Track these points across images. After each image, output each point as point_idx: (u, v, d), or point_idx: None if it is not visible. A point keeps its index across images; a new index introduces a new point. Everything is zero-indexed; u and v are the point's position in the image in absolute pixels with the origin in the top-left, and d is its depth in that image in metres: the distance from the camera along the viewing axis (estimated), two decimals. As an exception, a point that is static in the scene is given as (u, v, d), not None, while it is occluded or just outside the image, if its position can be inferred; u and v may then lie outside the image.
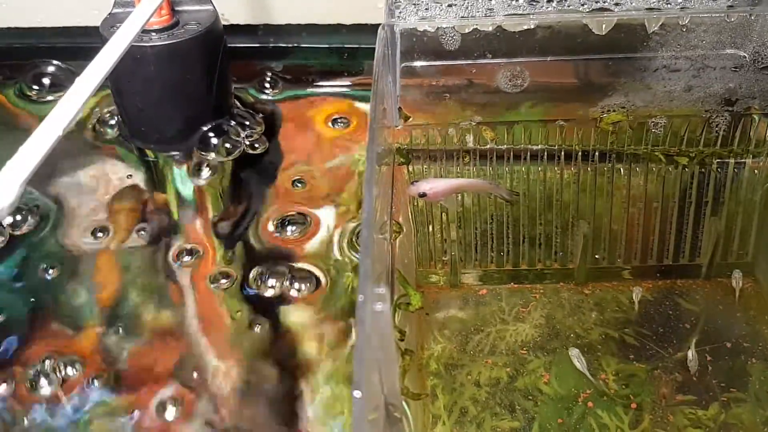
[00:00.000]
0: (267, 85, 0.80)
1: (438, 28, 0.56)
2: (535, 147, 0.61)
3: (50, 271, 0.62)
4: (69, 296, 0.60)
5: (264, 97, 0.79)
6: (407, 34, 0.56)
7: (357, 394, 0.29)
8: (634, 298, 0.60)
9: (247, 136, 0.68)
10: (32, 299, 0.60)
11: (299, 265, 0.62)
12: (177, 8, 0.70)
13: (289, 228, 0.64)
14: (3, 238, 0.64)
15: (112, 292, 0.61)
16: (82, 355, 0.56)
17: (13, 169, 0.37)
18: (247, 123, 0.71)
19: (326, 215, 0.66)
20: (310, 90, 0.81)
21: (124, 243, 0.64)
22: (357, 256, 0.62)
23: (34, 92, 0.80)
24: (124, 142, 0.74)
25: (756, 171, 0.61)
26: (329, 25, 0.80)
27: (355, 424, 0.29)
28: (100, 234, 0.65)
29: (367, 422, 0.30)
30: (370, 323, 0.32)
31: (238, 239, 0.65)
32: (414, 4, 0.56)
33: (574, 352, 0.56)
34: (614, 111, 0.60)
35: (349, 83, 0.81)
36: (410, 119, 0.60)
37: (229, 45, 0.73)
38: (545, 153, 0.61)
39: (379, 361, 0.34)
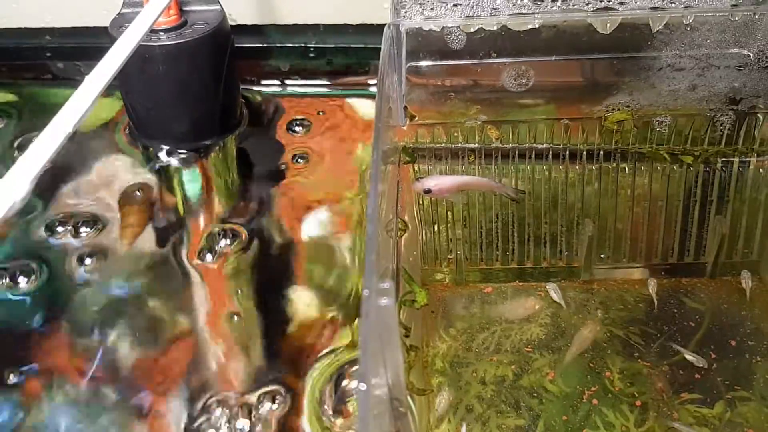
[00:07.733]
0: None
1: (443, 27, 0.56)
2: (540, 146, 0.61)
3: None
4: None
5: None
6: (413, 33, 0.56)
7: (362, 386, 0.29)
8: (650, 290, 0.60)
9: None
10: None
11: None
12: (185, 8, 0.71)
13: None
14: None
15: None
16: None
17: (24, 166, 0.38)
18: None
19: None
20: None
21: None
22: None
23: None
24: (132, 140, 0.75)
25: (761, 170, 0.61)
26: (336, 25, 0.80)
27: (361, 417, 0.30)
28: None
29: (372, 415, 0.30)
30: (375, 317, 0.33)
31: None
32: (419, 4, 0.56)
33: (551, 286, 0.60)
34: (619, 110, 0.60)
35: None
36: (416, 118, 0.60)
37: (236, 45, 0.73)
38: (550, 152, 0.61)
39: (384, 355, 0.35)
